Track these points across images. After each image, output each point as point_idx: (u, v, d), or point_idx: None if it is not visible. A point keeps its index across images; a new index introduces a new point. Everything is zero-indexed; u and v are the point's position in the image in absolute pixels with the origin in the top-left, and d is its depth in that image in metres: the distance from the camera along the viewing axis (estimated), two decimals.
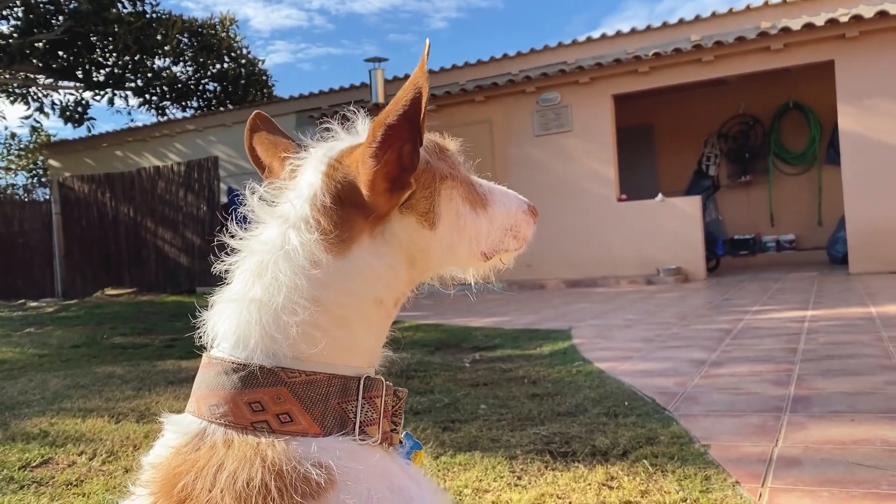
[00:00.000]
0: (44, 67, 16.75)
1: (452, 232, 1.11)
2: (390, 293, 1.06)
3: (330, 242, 0.98)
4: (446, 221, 1.09)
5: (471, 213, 1.14)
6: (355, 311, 1.01)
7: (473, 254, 1.16)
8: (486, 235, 1.17)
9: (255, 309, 0.98)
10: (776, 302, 7.92)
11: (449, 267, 1.18)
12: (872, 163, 10.45)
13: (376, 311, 1.04)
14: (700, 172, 14.51)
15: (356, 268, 1.00)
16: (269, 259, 0.99)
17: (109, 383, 5.06)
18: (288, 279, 0.97)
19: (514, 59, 15.26)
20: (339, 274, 0.99)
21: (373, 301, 1.03)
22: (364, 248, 1.00)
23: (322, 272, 0.97)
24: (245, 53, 20.10)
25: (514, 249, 1.24)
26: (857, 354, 4.61)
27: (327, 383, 0.97)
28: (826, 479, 2.48)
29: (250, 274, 1.00)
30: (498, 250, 1.20)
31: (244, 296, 0.99)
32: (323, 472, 0.89)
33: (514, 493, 2.54)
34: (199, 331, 1.03)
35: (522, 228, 1.24)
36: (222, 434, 0.94)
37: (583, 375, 4.51)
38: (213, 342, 1.02)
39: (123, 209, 15.91)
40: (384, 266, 1.02)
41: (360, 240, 1.00)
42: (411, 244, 1.04)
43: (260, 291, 0.98)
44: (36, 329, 9.37)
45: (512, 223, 1.22)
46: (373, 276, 1.01)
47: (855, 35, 10.40)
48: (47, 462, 3.24)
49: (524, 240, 1.25)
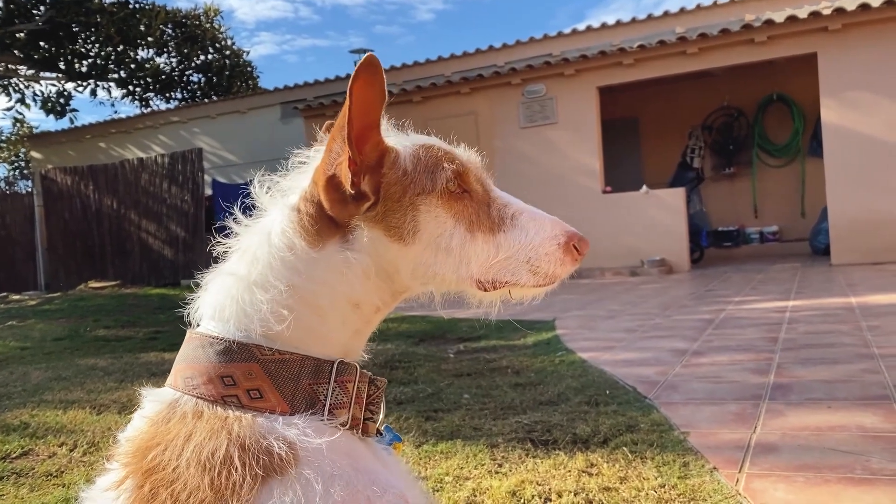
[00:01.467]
0: (25, 58, 16.55)
1: (432, 251, 1.05)
2: (368, 299, 1.07)
3: (308, 233, 1.02)
4: (424, 239, 1.04)
5: (464, 235, 1.06)
6: (329, 304, 1.03)
7: (462, 279, 1.07)
8: (483, 262, 1.06)
9: (233, 282, 1.03)
10: (758, 292, 7.99)
11: (434, 286, 1.10)
12: (855, 155, 10.54)
13: (353, 312, 1.06)
14: (684, 164, 14.57)
15: (329, 261, 1.02)
16: (255, 241, 1.04)
17: (91, 375, 5.04)
18: (265, 257, 1.01)
19: (500, 51, 15.25)
20: (313, 263, 1.01)
21: (348, 301, 1.05)
22: (336, 248, 1.03)
23: (296, 258, 1.01)
24: (230, 45, 19.93)
25: (532, 286, 1.09)
26: (836, 343, 4.66)
27: (300, 364, 0.99)
28: (802, 465, 2.51)
29: (238, 254, 1.06)
30: (504, 282, 1.08)
31: (227, 271, 1.05)
32: (286, 447, 0.91)
33: (495, 480, 2.55)
34: (189, 309, 1.08)
35: (544, 264, 1.07)
36: (193, 405, 0.97)
37: (565, 365, 4.53)
38: (198, 320, 1.07)
39: (107, 201, 15.78)
40: (357, 270, 1.03)
41: (333, 239, 1.03)
42: (378, 256, 1.04)
43: (241, 268, 1.03)
44: (18, 322, 9.29)
45: (531, 255, 1.07)
46: (346, 275, 1.03)
47: (838, 28, 10.47)
48: (27, 453, 3.23)
49: (547, 277, 1.08)
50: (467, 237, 1.06)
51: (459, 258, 1.06)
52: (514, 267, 1.07)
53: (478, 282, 1.07)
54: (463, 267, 1.06)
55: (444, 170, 1.06)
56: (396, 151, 1.07)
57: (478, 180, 1.12)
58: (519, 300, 1.12)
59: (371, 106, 1.00)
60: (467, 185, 1.09)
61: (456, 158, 1.10)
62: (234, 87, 19.88)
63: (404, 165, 1.05)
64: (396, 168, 1.05)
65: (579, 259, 1.09)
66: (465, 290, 1.10)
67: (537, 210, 1.12)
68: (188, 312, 1.08)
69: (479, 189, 1.11)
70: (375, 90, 0.99)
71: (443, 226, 1.05)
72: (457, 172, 1.07)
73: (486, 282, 1.07)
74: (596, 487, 2.43)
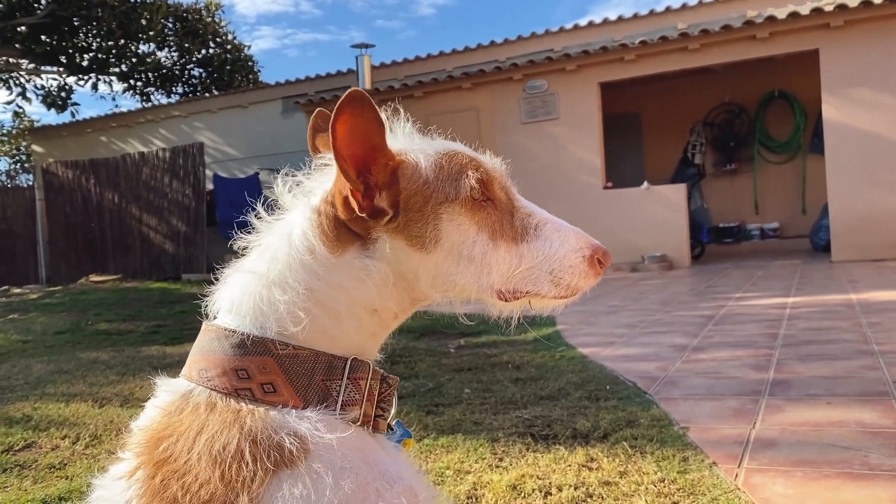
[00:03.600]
0: (26, 52, 16.53)
1: (454, 259, 1.05)
2: (386, 306, 1.07)
3: (328, 238, 1.02)
4: (446, 247, 1.04)
5: (487, 243, 1.05)
6: (346, 310, 1.03)
7: (483, 288, 1.06)
8: (505, 272, 1.05)
9: (252, 279, 1.04)
10: (759, 289, 8.00)
11: (454, 294, 1.09)
12: (856, 152, 10.54)
13: (370, 318, 1.06)
14: (685, 160, 14.56)
15: (349, 268, 1.03)
16: (276, 240, 1.05)
17: (93, 369, 5.05)
18: (284, 258, 1.02)
19: (501, 46, 15.23)
20: (332, 268, 1.02)
21: (366, 307, 1.05)
22: (356, 255, 1.03)
23: (315, 261, 1.02)
24: (231, 39, 19.91)
25: (553, 297, 1.08)
26: (836, 340, 4.67)
27: (314, 360, 1.00)
28: (800, 460, 2.53)
29: (259, 251, 1.07)
30: (524, 292, 1.07)
31: (247, 268, 1.05)
32: (297, 441, 0.92)
33: (495, 474, 2.57)
34: (207, 301, 1.09)
35: (567, 275, 1.06)
36: (206, 397, 0.98)
37: (566, 360, 4.54)
38: (215, 313, 1.08)
39: (108, 195, 15.79)
40: (377, 278, 1.04)
41: (353, 246, 1.04)
42: (399, 264, 1.05)
43: (260, 266, 1.04)
44: (20, 315, 9.31)
45: (554, 267, 1.06)
46: (365, 282, 1.03)
47: (840, 24, 10.45)
48: (30, 446, 3.24)
49: (569, 289, 1.07)
50: (490, 246, 1.05)
51: (481, 267, 1.05)
52: (535, 277, 1.06)
53: (499, 292, 1.07)
54: (484, 276, 1.05)
55: (469, 178, 1.05)
56: (415, 162, 1.06)
57: (502, 189, 1.11)
58: (539, 311, 1.12)
59: (367, 134, 1.00)
60: (491, 193, 1.08)
61: (481, 166, 1.09)
62: (235, 82, 19.87)
63: (425, 175, 1.05)
64: (416, 178, 1.05)
65: (601, 273, 1.08)
66: (485, 299, 1.09)
67: (561, 221, 1.10)
68: (204, 305, 1.09)
69: (504, 197, 1.10)
70: (367, 119, 0.98)
71: (465, 234, 1.04)
72: (481, 180, 1.06)
73: (507, 292, 1.07)
74: (596, 482, 2.45)
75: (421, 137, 1.14)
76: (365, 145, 1.01)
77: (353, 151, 1.00)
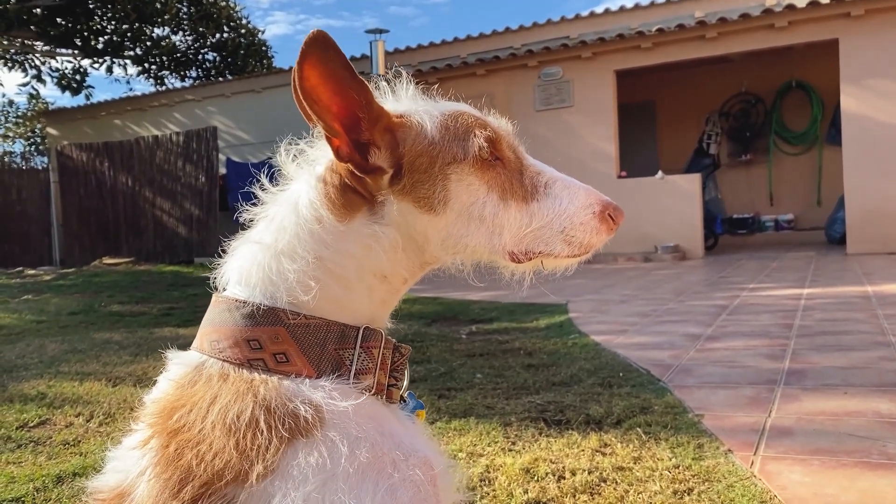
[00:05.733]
0: (42, 34, 16.57)
1: (464, 220, 1.03)
2: (396, 271, 1.06)
3: (335, 206, 1.01)
4: (455, 208, 1.02)
5: (497, 203, 1.03)
6: (356, 277, 1.02)
7: (495, 249, 1.04)
8: (516, 231, 1.04)
9: (259, 250, 1.02)
10: (773, 280, 7.94)
11: (465, 257, 1.07)
12: (873, 143, 10.42)
13: (380, 284, 1.05)
14: (700, 150, 14.45)
15: (357, 235, 1.01)
16: (282, 210, 1.04)
17: (107, 349, 5.08)
18: (292, 227, 1.01)
19: (517, 33, 15.14)
20: (340, 235, 1.01)
21: (376, 274, 1.04)
22: (364, 221, 1.02)
23: (323, 230, 1.00)
24: (244, 23, 19.88)
25: (566, 256, 1.06)
26: (852, 331, 4.63)
27: (326, 329, 0.99)
28: (817, 449, 2.50)
29: (265, 222, 1.05)
30: (537, 252, 1.05)
31: (254, 239, 1.04)
32: (312, 409, 0.91)
33: (508, 457, 2.56)
34: (216, 272, 1.08)
35: (579, 233, 1.05)
36: (219, 368, 0.96)
37: (578, 347, 4.53)
38: (225, 284, 1.07)
39: (122, 178, 15.84)
40: (385, 244, 1.02)
41: (361, 211, 1.02)
42: (408, 227, 1.03)
43: (267, 236, 1.02)
44: (34, 296, 9.38)
45: (565, 225, 1.05)
46: (374, 248, 1.02)
47: (860, 13, 10.32)
48: (45, 423, 3.26)
49: (582, 247, 1.05)
50: (500, 206, 1.04)
51: (492, 227, 1.04)
52: (547, 236, 1.05)
53: (510, 252, 1.05)
54: (496, 237, 1.04)
55: (476, 137, 1.03)
56: (419, 123, 1.04)
57: (510, 148, 1.09)
58: (552, 271, 1.10)
59: (341, 81, 0.96)
60: (500, 152, 1.07)
61: (488, 125, 1.07)
62: (249, 67, 19.85)
63: (430, 136, 1.03)
64: (421, 139, 1.03)
65: (614, 229, 1.06)
66: (497, 260, 1.08)
67: (571, 178, 1.10)
68: (213, 278, 1.08)
69: (512, 157, 1.08)
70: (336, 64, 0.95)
71: (475, 194, 1.03)
72: (489, 139, 1.05)
73: (519, 252, 1.05)
74: (609, 467, 2.43)
75: (425, 99, 1.12)
76: (342, 95, 0.97)
77: (329, 99, 0.96)
